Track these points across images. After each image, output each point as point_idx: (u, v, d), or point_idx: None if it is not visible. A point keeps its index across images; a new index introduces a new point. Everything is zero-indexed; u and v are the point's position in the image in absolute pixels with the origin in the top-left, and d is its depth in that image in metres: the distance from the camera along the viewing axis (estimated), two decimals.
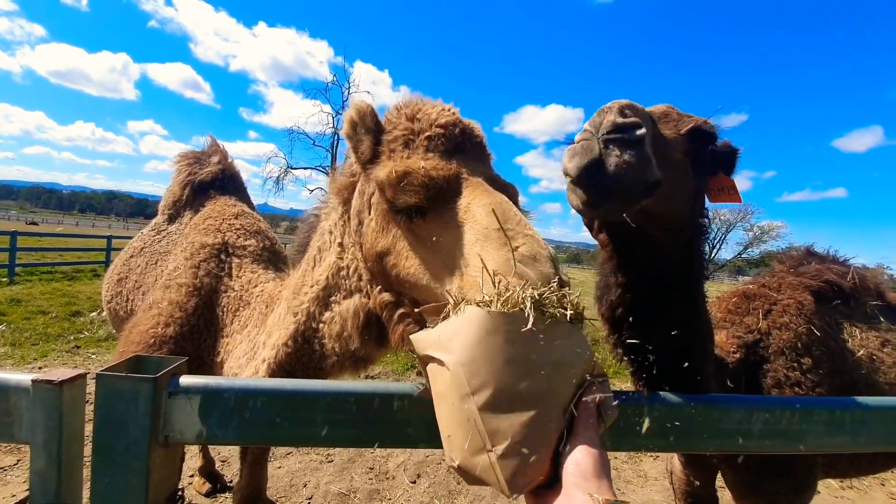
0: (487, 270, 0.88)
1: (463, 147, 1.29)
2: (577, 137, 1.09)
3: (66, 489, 0.95)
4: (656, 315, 1.29)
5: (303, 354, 1.54)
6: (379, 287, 1.30)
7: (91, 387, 0.94)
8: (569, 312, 0.79)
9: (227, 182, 2.83)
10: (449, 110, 1.33)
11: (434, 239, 1.12)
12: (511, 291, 0.79)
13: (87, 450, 0.97)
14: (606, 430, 0.77)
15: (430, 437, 1.07)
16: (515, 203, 1.23)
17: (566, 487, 0.67)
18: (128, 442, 0.96)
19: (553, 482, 0.70)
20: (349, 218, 1.42)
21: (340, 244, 1.46)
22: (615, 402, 0.78)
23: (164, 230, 2.74)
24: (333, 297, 1.46)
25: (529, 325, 0.73)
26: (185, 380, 1.01)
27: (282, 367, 1.58)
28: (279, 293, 1.80)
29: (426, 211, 1.16)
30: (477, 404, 0.71)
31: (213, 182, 2.76)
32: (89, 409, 0.90)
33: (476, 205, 1.10)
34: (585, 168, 1.03)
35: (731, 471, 2.00)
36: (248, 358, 1.75)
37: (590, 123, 1.07)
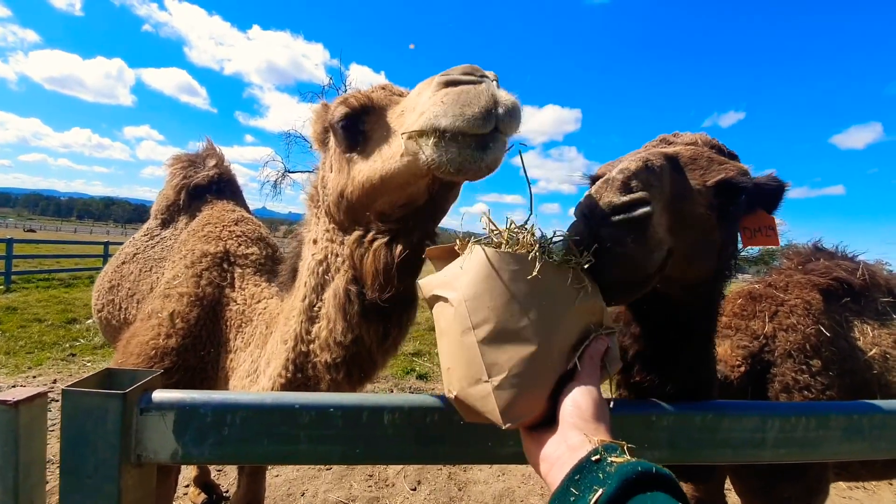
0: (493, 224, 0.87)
1: (403, 96, 1.38)
2: (574, 212, 0.95)
3: None
4: (668, 363, 1.20)
5: (299, 384, 1.48)
6: (347, 231, 1.31)
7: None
8: (583, 260, 0.81)
9: (224, 186, 2.76)
10: (383, 80, 1.54)
11: (382, 137, 1.18)
12: (522, 235, 0.81)
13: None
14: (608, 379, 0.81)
15: (422, 453, 1.01)
16: None
17: (562, 426, 0.67)
18: (97, 462, 0.89)
19: (550, 422, 0.71)
20: (319, 209, 1.47)
21: (314, 241, 1.47)
22: (619, 356, 0.80)
23: (157, 235, 2.66)
24: (315, 304, 1.41)
25: (535, 273, 0.74)
26: (159, 395, 0.93)
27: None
28: (279, 316, 1.75)
29: (369, 119, 1.24)
30: (477, 338, 0.73)
31: (209, 186, 2.69)
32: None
33: (411, 94, 1.15)
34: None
35: (740, 478, 1.93)
36: (251, 380, 1.71)
37: (585, 200, 0.92)
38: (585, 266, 0.82)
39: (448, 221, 1.35)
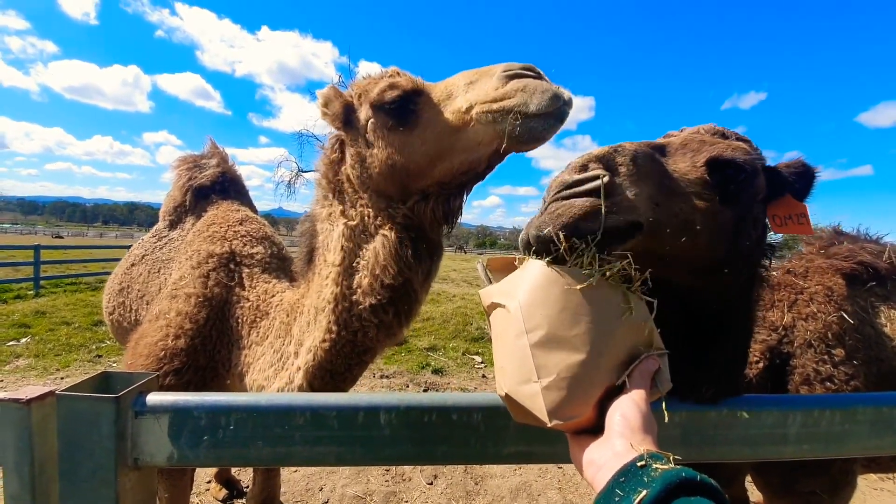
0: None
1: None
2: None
3: None
4: (699, 362, 1.13)
5: (344, 343, 1.56)
6: (401, 201, 1.48)
7: None
8: (635, 286, 0.84)
9: (229, 185, 2.77)
10: (393, 67, 1.58)
11: (434, 118, 1.37)
12: (578, 249, 0.87)
13: None
14: (659, 399, 0.81)
15: (421, 453, 0.98)
16: None
17: (609, 434, 0.70)
18: (93, 466, 0.89)
19: (597, 430, 0.74)
20: (342, 188, 1.59)
21: (342, 212, 1.58)
22: (669, 378, 0.81)
23: (165, 236, 2.69)
24: (355, 262, 1.53)
25: (587, 283, 0.80)
26: (153, 398, 0.93)
27: (322, 368, 1.59)
28: (299, 301, 1.78)
29: (419, 102, 1.40)
30: (530, 342, 0.78)
31: (213, 186, 2.70)
32: None
33: (452, 80, 1.41)
34: (526, 244, 0.90)
35: (760, 473, 1.85)
36: (276, 369, 1.73)
37: (547, 186, 0.95)
38: (636, 288, 0.86)
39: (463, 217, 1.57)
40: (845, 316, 1.76)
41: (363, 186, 1.54)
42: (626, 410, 0.71)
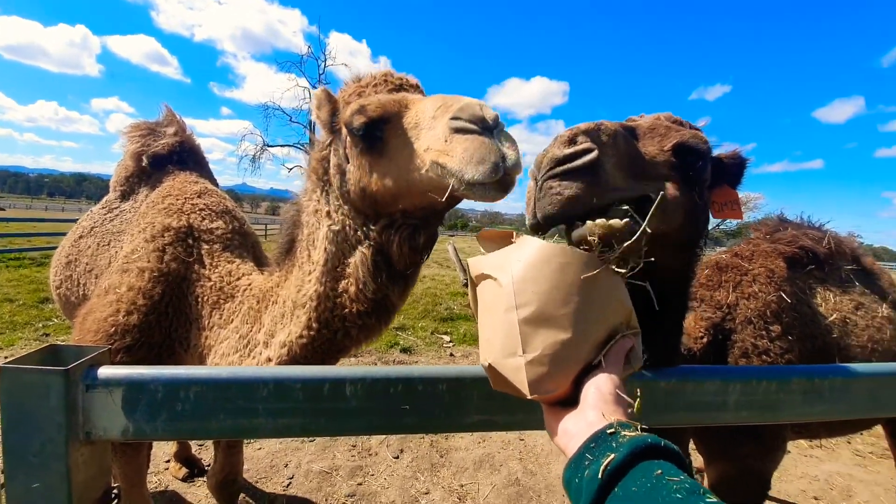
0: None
1: (403, 87, 1.54)
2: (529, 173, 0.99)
3: None
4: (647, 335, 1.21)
5: (323, 340, 1.56)
6: (373, 221, 1.47)
7: None
8: (623, 271, 0.86)
9: (187, 156, 2.62)
10: (384, 68, 1.61)
11: (399, 146, 1.34)
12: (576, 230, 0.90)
13: None
14: (632, 374, 0.86)
15: (386, 423, 1.00)
16: None
17: (583, 406, 0.74)
18: (42, 441, 0.86)
19: (572, 402, 0.78)
20: (329, 187, 1.56)
21: (328, 213, 1.56)
22: (642, 356, 0.86)
23: (116, 208, 2.54)
24: (339, 266, 1.53)
25: (592, 270, 0.82)
26: (105, 371, 0.89)
27: (296, 362, 1.58)
28: (273, 290, 1.75)
29: (386, 128, 1.36)
30: (519, 316, 0.80)
31: (170, 156, 2.55)
32: None
33: (421, 106, 1.34)
34: (533, 226, 0.95)
35: (702, 439, 2.00)
36: (242, 355, 1.69)
37: (536, 158, 0.96)
38: (626, 272, 0.88)
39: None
40: (783, 296, 1.90)
41: (343, 198, 1.53)
42: (601, 384, 0.76)
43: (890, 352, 2.09)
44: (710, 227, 1.31)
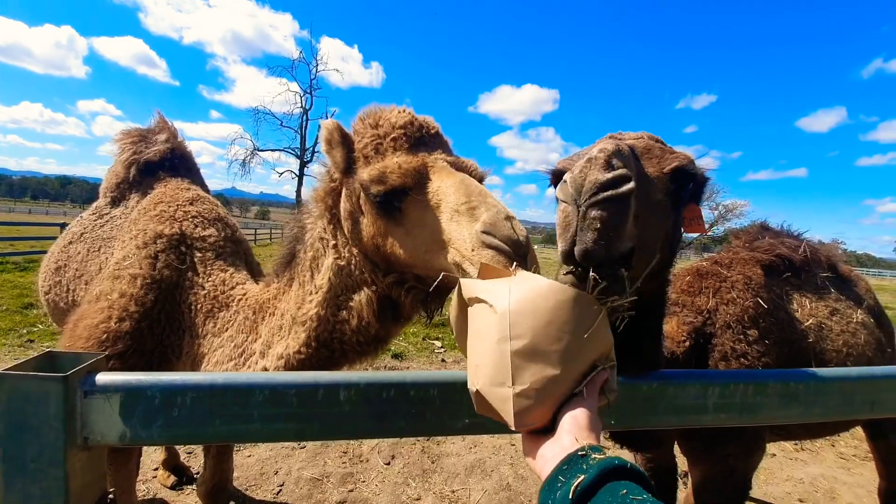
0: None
1: (423, 140, 1.49)
2: (559, 193, 0.94)
3: None
4: (631, 347, 1.20)
5: (320, 357, 1.59)
6: (383, 272, 1.48)
7: None
8: (608, 305, 0.90)
9: (178, 163, 2.63)
10: (405, 111, 1.53)
11: (417, 222, 1.34)
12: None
13: None
14: (606, 405, 0.89)
15: (379, 428, 1.02)
16: (474, 175, 1.47)
17: (559, 433, 0.78)
18: (41, 447, 0.87)
19: (549, 430, 0.82)
20: (339, 221, 1.56)
21: (335, 246, 1.56)
22: (616, 387, 0.89)
23: (107, 214, 2.53)
24: (342, 297, 1.54)
25: (596, 315, 0.85)
26: (103, 377, 0.91)
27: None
28: (270, 302, 1.76)
29: (406, 200, 1.35)
30: (511, 348, 0.81)
31: (161, 163, 2.56)
32: None
33: (443, 186, 1.32)
34: (568, 255, 0.92)
35: (684, 439, 2.07)
36: (237, 364, 1.70)
37: (572, 180, 0.91)
38: (614, 304, 0.91)
39: None
40: (760, 301, 1.98)
41: (354, 241, 1.52)
42: (577, 414, 0.79)
43: (864, 356, 2.18)
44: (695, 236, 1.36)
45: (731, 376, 1.25)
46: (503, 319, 0.83)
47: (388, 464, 4.03)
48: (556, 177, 1.20)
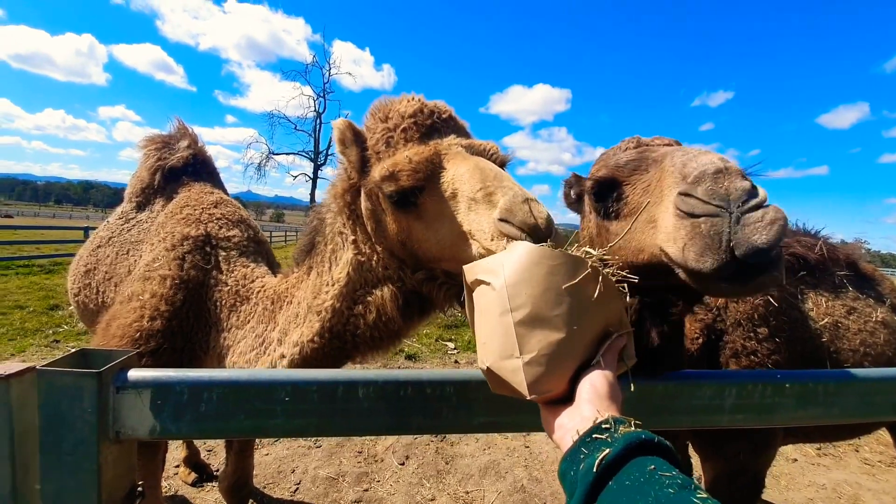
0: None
1: (435, 126, 1.45)
2: (696, 207, 0.87)
3: (22, 487, 0.90)
4: (664, 345, 1.18)
5: (332, 348, 1.61)
6: (412, 269, 1.47)
7: None
8: (608, 270, 0.89)
9: (200, 167, 2.72)
10: (414, 99, 1.49)
11: (437, 216, 1.31)
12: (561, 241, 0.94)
13: None
14: (626, 373, 0.89)
15: (396, 424, 1.05)
16: (494, 159, 1.43)
17: (578, 402, 0.77)
18: (75, 440, 0.92)
19: (567, 399, 0.81)
20: (357, 217, 1.55)
21: (354, 242, 1.56)
22: (633, 353, 0.89)
23: (133, 218, 2.62)
24: (359, 291, 1.55)
25: (569, 266, 0.85)
26: (134, 374, 0.95)
27: (306, 362, 1.63)
28: (288, 291, 1.82)
29: (422, 194, 1.33)
30: (514, 319, 0.82)
31: (184, 168, 2.65)
32: None
33: (458, 174, 1.29)
34: (724, 265, 0.83)
35: (695, 437, 2.07)
36: (258, 353, 1.76)
37: (712, 192, 0.86)
38: (608, 270, 0.90)
39: None
40: (771, 300, 1.96)
41: (379, 240, 1.50)
42: (595, 381, 0.78)
43: (884, 355, 2.14)
44: None
45: (747, 377, 1.24)
46: (501, 293, 0.84)
47: (403, 464, 4.06)
48: (601, 184, 1.16)
